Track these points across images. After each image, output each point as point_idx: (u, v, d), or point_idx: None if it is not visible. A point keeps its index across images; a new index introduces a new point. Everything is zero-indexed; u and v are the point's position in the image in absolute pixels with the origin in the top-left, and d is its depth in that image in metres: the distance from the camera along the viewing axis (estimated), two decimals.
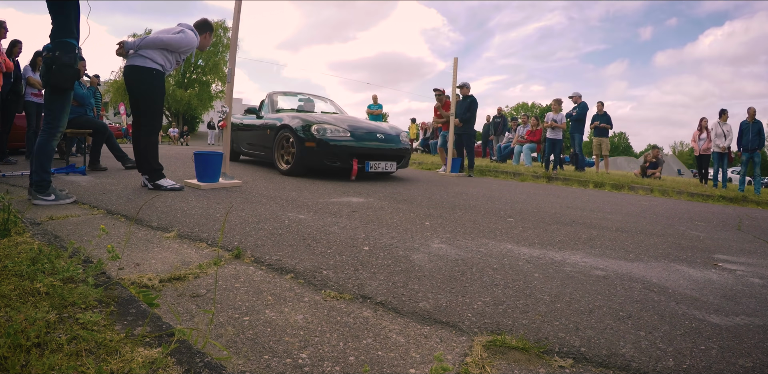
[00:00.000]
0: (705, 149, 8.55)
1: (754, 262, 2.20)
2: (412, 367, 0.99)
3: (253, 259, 1.70)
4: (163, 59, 3.30)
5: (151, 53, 3.24)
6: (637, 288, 1.61)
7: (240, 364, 0.96)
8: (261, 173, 4.98)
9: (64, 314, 1.05)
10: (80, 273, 1.28)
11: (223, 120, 3.82)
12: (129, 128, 19.00)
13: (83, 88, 5.02)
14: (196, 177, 3.57)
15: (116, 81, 27.70)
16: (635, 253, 2.17)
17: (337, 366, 0.98)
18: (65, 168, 4.11)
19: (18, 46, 5.07)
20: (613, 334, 1.21)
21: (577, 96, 8.56)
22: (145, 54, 3.23)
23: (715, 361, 1.09)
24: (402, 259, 1.80)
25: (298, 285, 1.47)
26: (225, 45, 31.96)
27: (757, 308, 1.50)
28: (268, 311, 1.25)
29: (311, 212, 2.68)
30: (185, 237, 1.97)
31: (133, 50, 3.24)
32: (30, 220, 2.10)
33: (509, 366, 1.02)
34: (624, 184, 6.67)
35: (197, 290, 1.38)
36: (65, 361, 0.84)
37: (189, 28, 3.45)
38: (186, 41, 3.34)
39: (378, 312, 1.28)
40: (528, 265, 1.82)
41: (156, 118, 3.40)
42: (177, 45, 3.30)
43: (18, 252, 1.50)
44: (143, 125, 3.36)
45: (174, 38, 3.28)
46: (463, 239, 2.20)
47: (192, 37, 3.40)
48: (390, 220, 2.57)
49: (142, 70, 3.23)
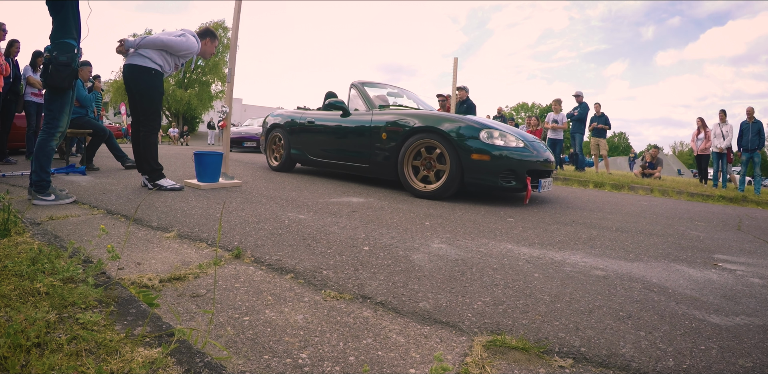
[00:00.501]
0: (703, 148, 8.57)
1: (754, 262, 2.20)
2: (412, 367, 0.99)
3: (253, 259, 1.70)
4: (162, 60, 3.30)
5: (151, 53, 3.24)
6: (637, 288, 1.61)
7: (240, 364, 0.96)
8: (261, 173, 4.98)
9: (64, 314, 1.05)
10: (80, 273, 1.28)
11: (223, 120, 3.82)
12: (129, 128, 19.01)
13: (86, 90, 5.02)
14: (196, 177, 3.57)
15: (116, 81, 27.69)
16: (635, 253, 2.17)
17: (337, 366, 0.98)
18: (65, 168, 4.11)
19: (15, 46, 5.06)
20: (613, 334, 1.21)
21: (579, 96, 8.54)
22: (145, 53, 3.23)
23: (715, 361, 1.09)
24: (402, 259, 1.80)
25: (298, 285, 1.47)
26: (225, 45, 31.96)
27: (757, 308, 1.50)
28: (268, 311, 1.25)
29: (311, 212, 2.68)
30: (185, 237, 1.97)
31: (133, 49, 3.23)
32: (30, 220, 2.10)
33: (509, 366, 1.02)
34: (624, 184, 6.67)
35: (197, 290, 1.38)
36: (65, 361, 0.84)
37: (191, 34, 3.46)
38: (186, 45, 3.34)
39: (378, 312, 1.28)
40: (528, 265, 1.82)
41: (155, 118, 3.39)
42: (177, 47, 3.30)
43: (18, 252, 1.50)
44: (142, 125, 3.36)
45: (174, 40, 3.28)
46: (463, 239, 2.20)
47: (192, 41, 3.39)
48: (390, 220, 2.57)
49: (140, 70, 3.23)
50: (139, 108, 3.34)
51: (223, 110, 3.81)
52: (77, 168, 4.13)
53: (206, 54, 3.63)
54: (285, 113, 5.15)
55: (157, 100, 3.36)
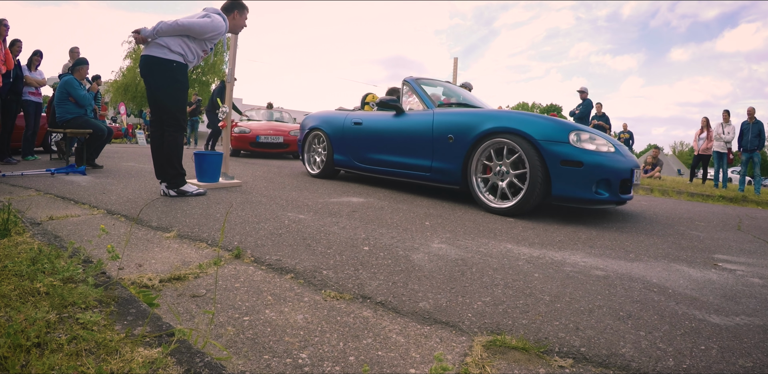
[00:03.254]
0: (705, 148, 8.56)
1: (754, 262, 2.20)
2: (412, 367, 0.99)
3: (253, 259, 1.70)
4: (184, 48, 2.88)
5: (169, 41, 2.82)
6: (637, 288, 1.61)
7: (240, 364, 0.96)
8: (261, 173, 4.98)
9: (64, 314, 1.05)
10: (80, 273, 1.28)
11: (223, 120, 3.82)
12: (129, 128, 19.00)
13: (84, 89, 5.02)
14: (196, 177, 3.57)
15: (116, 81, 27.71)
16: (635, 253, 2.17)
17: (337, 366, 0.97)
18: (65, 168, 4.11)
19: (17, 45, 5.05)
20: (613, 334, 1.21)
21: (584, 92, 8.45)
22: (163, 42, 2.82)
23: (715, 361, 1.09)
24: (402, 259, 1.80)
25: (298, 284, 1.47)
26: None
27: (757, 308, 1.50)
28: (268, 311, 1.25)
29: (311, 212, 2.68)
30: (185, 237, 1.97)
31: (150, 38, 2.85)
32: (30, 220, 2.10)
33: (509, 366, 1.02)
34: None
35: (197, 290, 1.38)
36: (65, 361, 0.84)
37: (215, 12, 3.00)
38: (211, 26, 2.87)
39: (378, 312, 1.28)
40: (528, 265, 1.82)
41: (179, 116, 2.98)
42: (200, 30, 2.85)
43: (18, 252, 1.50)
44: (166, 125, 2.96)
45: (196, 23, 2.82)
46: (463, 239, 2.20)
47: (218, 21, 2.93)
48: (390, 220, 2.57)
49: (158, 62, 2.83)
50: (160, 106, 2.94)
51: (222, 110, 3.82)
52: (77, 168, 4.13)
53: (237, 29, 3.25)
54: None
55: (180, 96, 2.96)
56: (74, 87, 4.74)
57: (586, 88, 8.46)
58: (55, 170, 3.99)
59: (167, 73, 2.87)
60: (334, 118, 4.47)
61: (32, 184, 3.28)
